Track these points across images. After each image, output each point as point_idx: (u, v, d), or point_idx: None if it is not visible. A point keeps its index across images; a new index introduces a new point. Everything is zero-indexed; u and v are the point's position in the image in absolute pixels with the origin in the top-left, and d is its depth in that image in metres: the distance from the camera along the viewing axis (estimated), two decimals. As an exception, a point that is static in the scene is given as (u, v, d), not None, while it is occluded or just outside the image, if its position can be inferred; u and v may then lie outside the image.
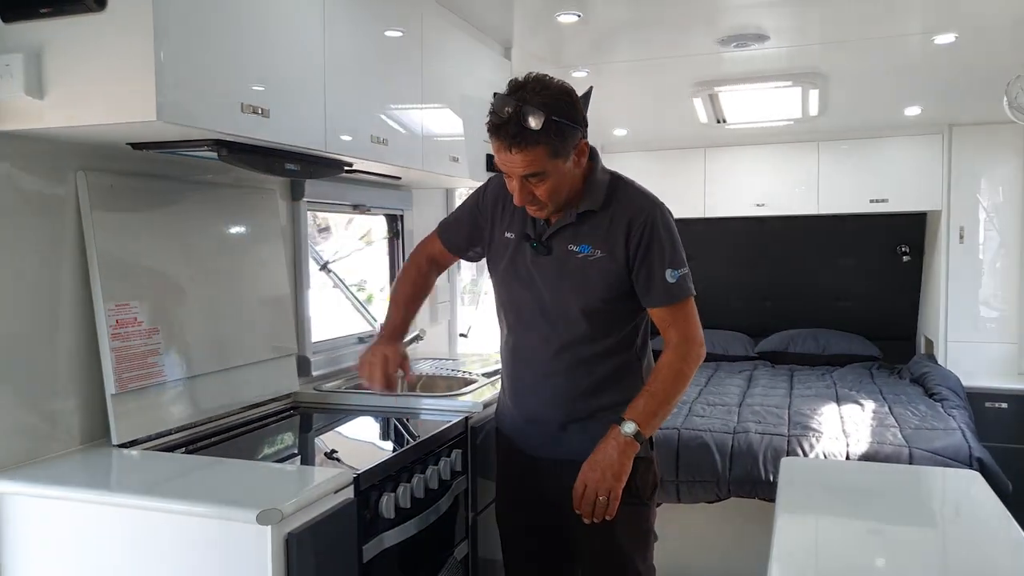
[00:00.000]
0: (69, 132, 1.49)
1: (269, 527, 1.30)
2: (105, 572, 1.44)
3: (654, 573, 1.89)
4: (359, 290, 3.15)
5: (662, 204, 1.73)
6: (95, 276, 1.67)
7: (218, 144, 1.60)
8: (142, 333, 1.75)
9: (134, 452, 1.68)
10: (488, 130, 1.58)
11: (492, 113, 1.56)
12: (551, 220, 1.72)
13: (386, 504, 1.67)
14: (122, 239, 1.73)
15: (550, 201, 1.65)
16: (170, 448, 1.76)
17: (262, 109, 1.60)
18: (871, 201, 4.62)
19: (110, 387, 1.67)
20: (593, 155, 1.72)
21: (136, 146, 1.67)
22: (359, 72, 2.02)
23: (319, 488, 1.44)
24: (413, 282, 1.96)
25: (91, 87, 1.39)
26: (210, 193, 2.04)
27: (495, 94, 1.56)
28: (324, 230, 4.51)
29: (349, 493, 1.53)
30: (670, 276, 1.67)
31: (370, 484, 1.66)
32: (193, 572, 1.38)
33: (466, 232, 1.89)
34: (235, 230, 2.11)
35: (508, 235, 1.79)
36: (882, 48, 3.25)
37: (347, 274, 3.01)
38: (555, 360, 1.74)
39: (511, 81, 1.59)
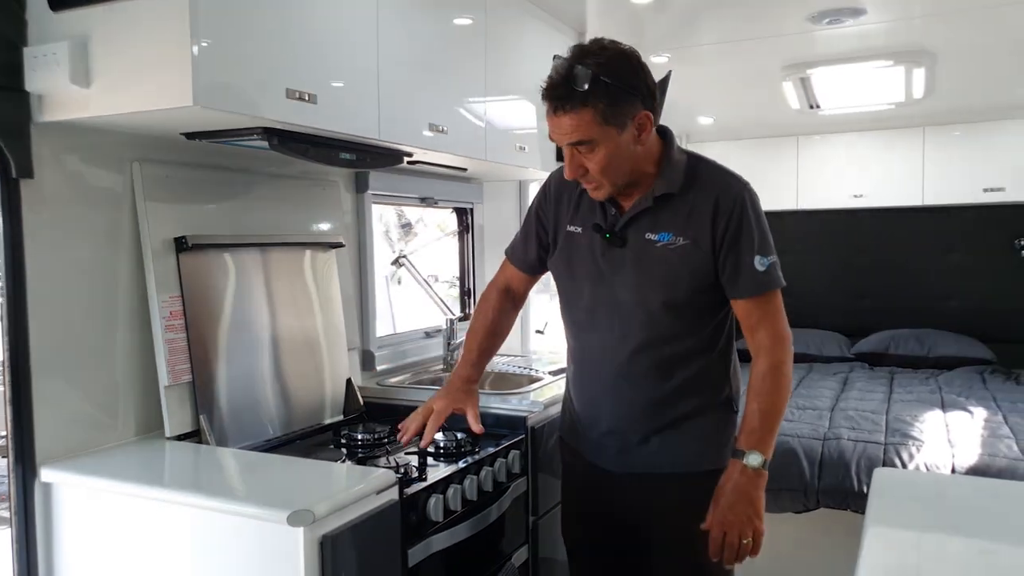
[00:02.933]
0: (117, 121, 1.48)
1: (301, 529, 1.24)
2: (147, 564, 1.43)
3: None
4: (451, 287, 3.11)
5: (749, 185, 1.57)
6: (149, 267, 1.67)
7: (268, 132, 1.57)
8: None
9: (184, 445, 1.68)
10: (541, 93, 1.47)
11: (548, 77, 1.46)
12: (623, 208, 1.58)
13: (434, 506, 1.60)
14: (177, 230, 1.72)
15: (603, 177, 1.49)
16: (222, 442, 1.75)
17: (309, 95, 1.55)
18: (985, 190, 4.24)
19: (163, 379, 1.67)
20: (667, 136, 1.58)
21: (190, 136, 1.65)
22: (415, 58, 1.95)
23: (358, 490, 1.38)
24: (488, 322, 1.79)
25: (133, 74, 1.38)
26: (270, 185, 2.02)
27: (555, 56, 1.46)
28: (406, 226, 4.50)
29: (393, 494, 1.46)
30: (759, 263, 1.52)
31: (418, 484, 1.59)
32: (229, 571, 1.35)
33: (535, 242, 1.73)
34: (295, 222, 2.08)
35: (573, 228, 1.64)
36: (999, 18, 2.94)
37: (433, 268, 2.98)
38: (631, 363, 1.58)
39: (575, 45, 1.48)
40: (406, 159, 2.06)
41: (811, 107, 3.99)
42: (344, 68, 1.69)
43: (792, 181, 4.67)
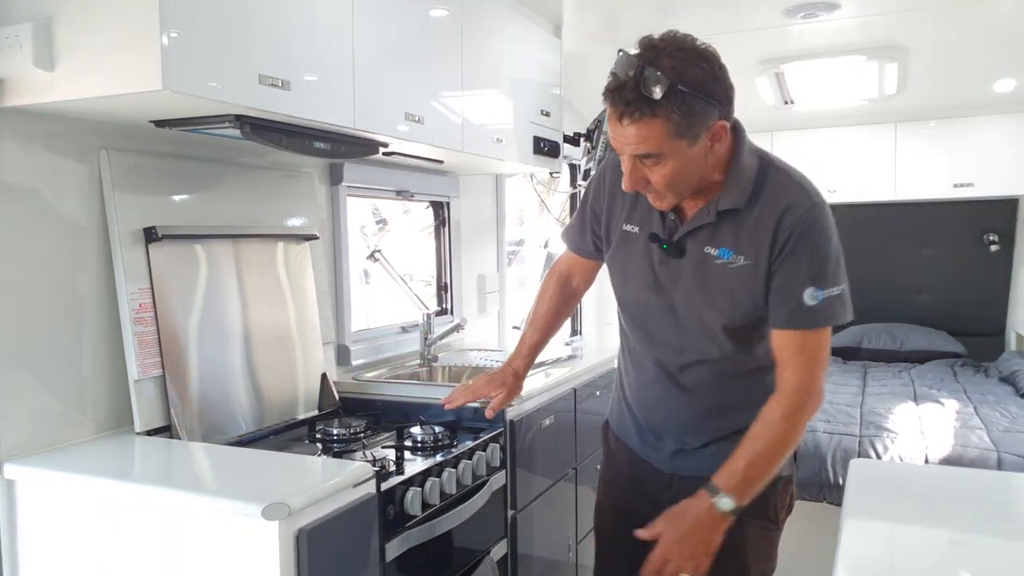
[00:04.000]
0: (85, 106, 1.44)
1: (276, 523, 1.21)
2: (116, 562, 1.39)
3: None
4: (427, 285, 3.08)
5: (823, 203, 1.37)
6: (117, 258, 1.63)
7: (240, 120, 1.53)
8: (167, 318, 1.70)
9: (155, 441, 1.63)
10: (603, 94, 1.30)
11: (611, 74, 1.28)
12: (684, 213, 1.43)
13: (412, 500, 1.57)
14: (146, 220, 1.68)
15: (668, 191, 1.35)
16: (193, 437, 1.71)
17: (282, 81, 1.52)
18: (955, 186, 4.30)
19: (133, 373, 1.63)
20: (738, 134, 1.39)
21: (159, 124, 1.61)
22: (391, 48, 1.92)
23: (334, 483, 1.35)
24: (543, 316, 1.79)
25: (100, 56, 1.33)
26: (242, 176, 1.98)
27: (620, 51, 1.29)
28: (381, 222, 4.48)
29: (370, 488, 1.44)
30: (810, 296, 1.33)
31: (395, 478, 1.57)
32: (202, 566, 1.31)
33: (590, 232, 1.61)
34: (268, 213, 2.05)
35: (630, 228, 1.50)
36: (969, 14, 2.98)
37: (408, 267, 2.95)
38: (687, 375, 1.50)
39: (644, 38, 1.29)
40: (381, 150, 2.03)
41: (785, 103, 4.02)
42: (318, 55, 1.66)
43: (767, 177, 4.70)
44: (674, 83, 1.23)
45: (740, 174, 1.38)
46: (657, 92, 1.23)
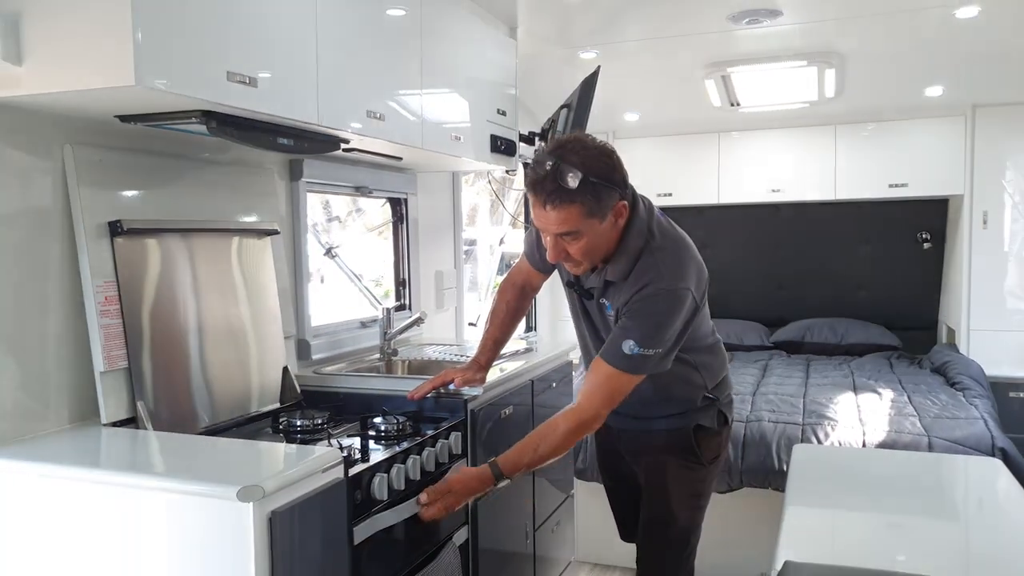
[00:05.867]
0: (50, 100, 1.45)
1: (251, 504, 1.25)
2: (90, 550, 1.40)
3: (696, 532, 2.02)
4: (377, 285, 3.11)
5: (676, 289, 1.69)
6: (83, 251, 1.64)
7: (206, 116, 1.55)
8: (132, 311, 1.71)
9: (122, 431, 1.65)
10: (526, 185, 1.64)
11: (531, 169, 1.60)
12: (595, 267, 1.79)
13: (379, 485, 1.62)
14: (111, 214, 1.69)
15: (585, 259, 1.70)
16: (159, 429, 1.72)
17: (249, 78, 1.55)
18: (890, 186, 4.51)
19: (99, 365, 1.64)
20: (634, 214, 1.72)
21: (124, 119, 1.62)
22: (354, 45, 1.96)
23: (305, 467, 1.39)
24: (502, 317, 2.13)
25: (70, 51, 1.35)
26: (205, 171, 2.00)
27: (536, 150, 1.62)
28: (333, 219, 4.48)
29: (339, 472, 1.48)
30: (628, 347, 1.66)
31: (362, 464, 1.61)
32: (177, 549, 1.34)
33: (541, 249, 1.90)
34: (229, 209, 2.07)
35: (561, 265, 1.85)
36: (901, 24, 3.16)
37: (359, 266, 2.98)
38: None
39: (554, 140, 1.64)
40: (342, 146, 2.07)
41: (732, 105, 4.17)
42: (284, 53, 1.69)
43: (714, 176, 4.85)
44: (585, 175, 1.55)
45: (624, 253, 1.72)
46: (572, 182, 1.54)
